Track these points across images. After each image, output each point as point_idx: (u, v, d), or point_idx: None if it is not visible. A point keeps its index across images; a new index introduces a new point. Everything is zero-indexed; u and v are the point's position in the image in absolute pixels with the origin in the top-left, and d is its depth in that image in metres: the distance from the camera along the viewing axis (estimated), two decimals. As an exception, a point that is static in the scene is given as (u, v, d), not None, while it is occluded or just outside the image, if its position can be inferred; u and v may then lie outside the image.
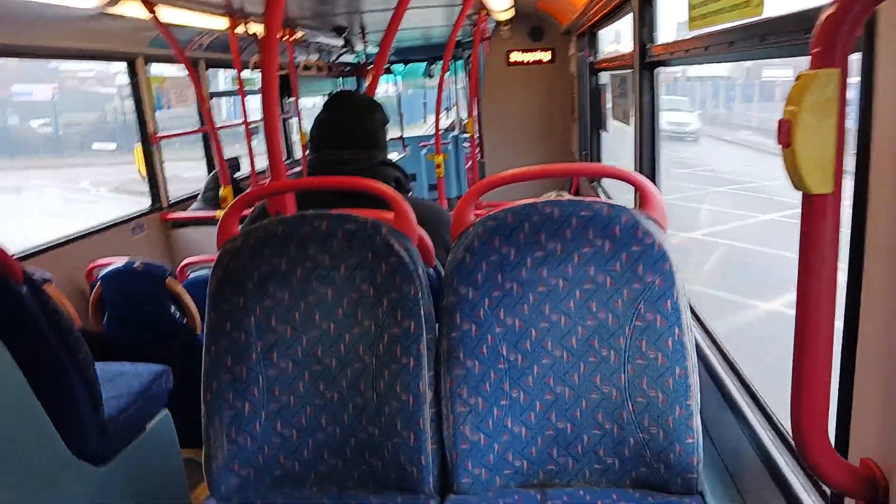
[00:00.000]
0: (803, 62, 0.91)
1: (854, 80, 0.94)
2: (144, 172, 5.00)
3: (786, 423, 1.33)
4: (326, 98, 2.14)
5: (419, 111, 13.11)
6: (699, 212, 11.78)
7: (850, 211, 1.04)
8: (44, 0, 3.08)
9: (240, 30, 4.70)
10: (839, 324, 1.02)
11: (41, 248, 3.79)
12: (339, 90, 2.21)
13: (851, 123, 0.91)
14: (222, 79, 9.13)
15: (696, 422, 1.54)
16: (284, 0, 1.83)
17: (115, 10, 3.59)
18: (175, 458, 2.53)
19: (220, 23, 4.63)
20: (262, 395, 1.65)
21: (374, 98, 2.27)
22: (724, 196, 12.92)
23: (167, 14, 3.92)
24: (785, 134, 0.87)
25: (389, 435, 1.61)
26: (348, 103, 2.08)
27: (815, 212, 0.89)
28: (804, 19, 1.33)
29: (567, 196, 2.22)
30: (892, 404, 0.95)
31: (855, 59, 0.95)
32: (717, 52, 1.98)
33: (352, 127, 2.02)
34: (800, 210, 0.91)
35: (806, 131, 0.86)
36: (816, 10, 1.18)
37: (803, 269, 0.92)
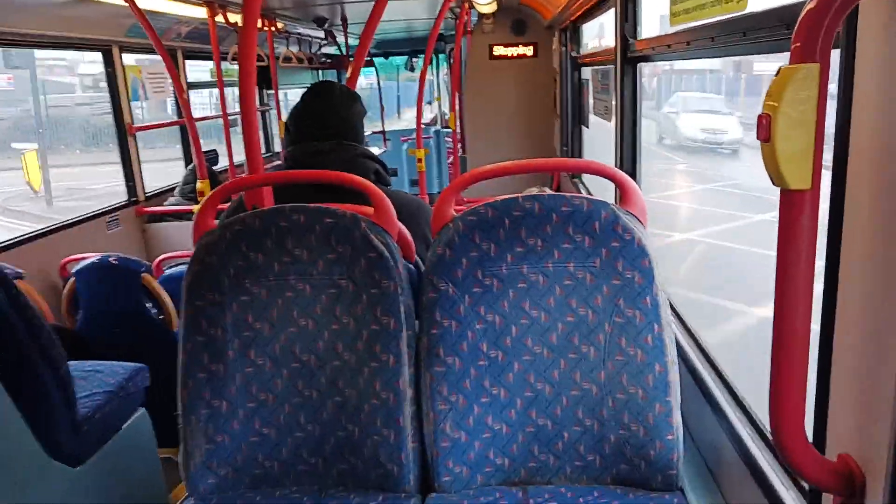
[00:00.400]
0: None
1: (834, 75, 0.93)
2: (38, 186, 4.87)
3: (764, 419, 1.33)
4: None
5: (392, 105, 12.10)
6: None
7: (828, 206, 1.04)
8: None
9: (219, 19, 4.64)
10: (816, 320, 1.02)
11: (12, 241, 3.71)
12: (320, 80, 2.16)
13: (831, 119, 0.91)
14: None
15: (676, 418, 1.54)
16: None
17: None
18: (152, 457, 2.49)
19: (199, 11, 4.56)
20: (240, 394, 1.63)
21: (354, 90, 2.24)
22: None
23: (144, 1, 3.85)
24: (764, 128, 0.87)
25: (369, 433, 1.59)
26: (328, 94, 2.04)
27: (794, 207, 0.88)
28: (786, 15, 1.33)
29: (548, 191, 2.21)
30: (868, 400, 0.95)
31: (835, 55, 0.95)
32: (700, 48, 1.98)
33: (332, 118, 1.99)
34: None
35: (785, 126, 0.86)
36: (798, 6, 1.18)
37: (781, 265, 0.92)
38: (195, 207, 4.84)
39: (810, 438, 0.99)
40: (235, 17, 4.76)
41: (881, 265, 0.91)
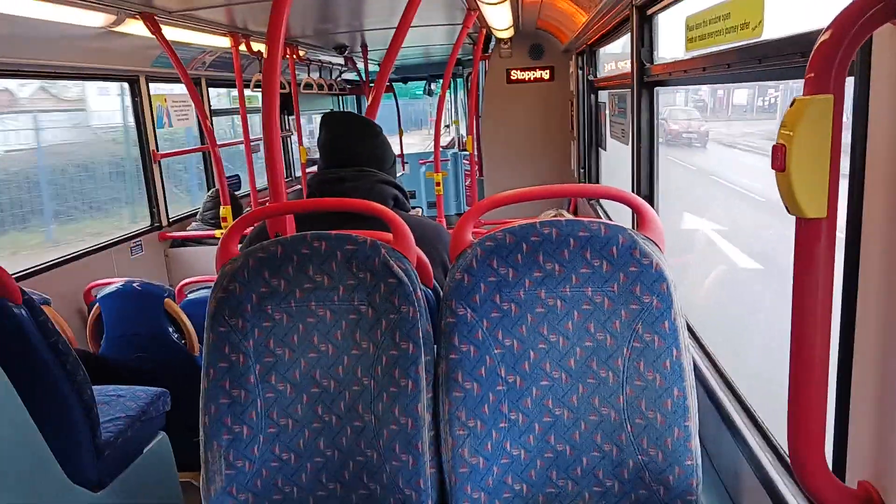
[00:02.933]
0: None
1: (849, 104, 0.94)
2: None
3: (784, 444, 1.32)
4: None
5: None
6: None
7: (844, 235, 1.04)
8: (49, 19, 3.10)
9: (242, 48, 4.74)
10: (835, 345, 1.02)
11: (39, 267, 3.79)
12: (328, 111, 2.21)
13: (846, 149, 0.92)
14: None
15: (695, 443, 1.53)
16: (286, 18, 1.84)
17: (121, 28, 3.62)
18: (173, 482, 2.51)
19: (223, 41, 4.67)
20: (261, 419, 1.65)
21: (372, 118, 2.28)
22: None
23: (171, 33, 3.96)
24: (780, 159, 0.88)
25: (388, 458, 1.60)
26: (344, 123, 2.09)
27: (810, 236, 0.89)
28: (801, 42, 1.34)
29: (567, 215, 2.22)
30: (888, 426, 0.94)
31: (849, 82, 0.96)
32: (716, 73, 1.99)
33: (348, 146, 2.03)
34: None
35: (800, 156, 0.87)
36: (813, 34, 1.19)
37: (798, 292, 0.92)
38: (217, 233, 4.91)
39: (830, 465, 0.98)
40: (258, 46, 4.87)
41: None
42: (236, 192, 5.94)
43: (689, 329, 2.19)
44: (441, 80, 5.18)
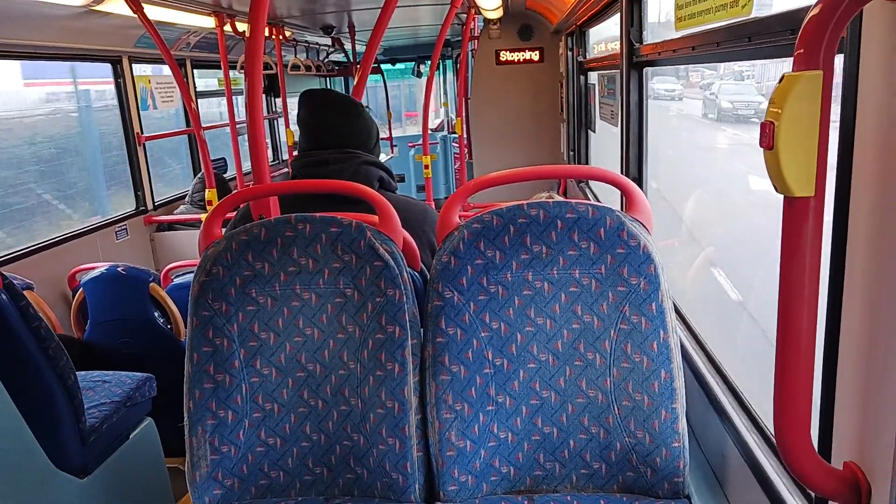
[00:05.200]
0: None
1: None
2: None
3: (771, 425, 1.32)
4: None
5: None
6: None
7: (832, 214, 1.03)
8: None
9: (227, 29, 4.67)
10: (821, 326, 1.01)
11: (22, 251, 3.74)
12: (306, 89, 2.15)
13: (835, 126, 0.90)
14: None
15: (682, 425, 1.53)
16: None
17: (101, 7, 3.55)
18: (159, 467, 2.50)
19: (207, 21, 4.59)
20: (246, 404, 1.63)
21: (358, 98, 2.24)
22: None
23: (154, 12, 3.88)
24: (768, 136, 0.86)
25: (374, 442, 1.59)
26: (325, 102, 2.05)
27: (798, 215, 0.88)
28: (791, 19, 1.32)
29: (557, 197, 2.20)
30: (874, 407, 0.94)
31: (839, 59, 0.94)
32: (705, 53, 1.97)
33: (330, 127, 2.00)
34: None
35: (788, 134, 0.85)
36: (802, 11, 1.17)
37: (785, 272, 0.91)
38: (203, 216, 4.86)
39: (816, 446, 0.98)
40: (244, 27, 4.80)
41: (886, 272, 0.90)
42: (224, 175, 5.89)
43: (677, 310, 2.19)
44: (429, 62, 5.13)
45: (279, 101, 7.39)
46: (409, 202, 1.98)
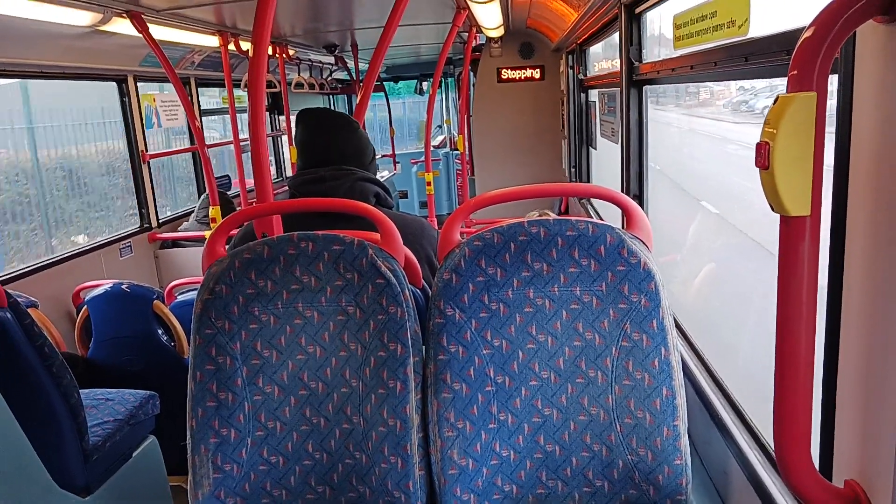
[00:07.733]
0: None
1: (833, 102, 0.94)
2: None
3: (772, 442, 1.32)
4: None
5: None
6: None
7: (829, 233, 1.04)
8: (35, 17, 3.07)
9: (231, 48, 4.72)
10: (820, 344, 1.01)
11: (26, 269, 3.75)
12: (302, 108, 2.18)
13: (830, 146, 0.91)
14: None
15: (684, 442, 1.52)
16: (272, 17, 1.82)
17: (107, 27, 3.59)
18: (162, 486, 2.49)
19: (211, 41, 4.64)
20: (248, 422, 1.63)
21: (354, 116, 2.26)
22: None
23: (159, 32, 3.92)
24: (763, 157, 0.88)
25: (377, 461, 1.59)
26: (320, 120, 2.07)
27: (794, 234, 0.89)
28: (786, 40, 1.34)
29: (553, 215, 2.21)
30: (874, 426, 0.94)
31: (833, 79, 0.96)
32: (703, 71, 1.99)
33: (326, 144, 2.02)
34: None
35: (784, 154, 0.86)
36: (797, 32, 1.19)
37: (783, 290, 0.92)
38: (206, 233, 4.89)
39: (817, 464, 0.98)
40: (247, 46, 4.84)
41: (883, 290, 0.91)
42: (228, 193, 5.92)
43: (678, 327, 2.19)
44: (432, 79, 5.17)
45: (283, 118, 7.45)
46: (404, 218, 2.00)
